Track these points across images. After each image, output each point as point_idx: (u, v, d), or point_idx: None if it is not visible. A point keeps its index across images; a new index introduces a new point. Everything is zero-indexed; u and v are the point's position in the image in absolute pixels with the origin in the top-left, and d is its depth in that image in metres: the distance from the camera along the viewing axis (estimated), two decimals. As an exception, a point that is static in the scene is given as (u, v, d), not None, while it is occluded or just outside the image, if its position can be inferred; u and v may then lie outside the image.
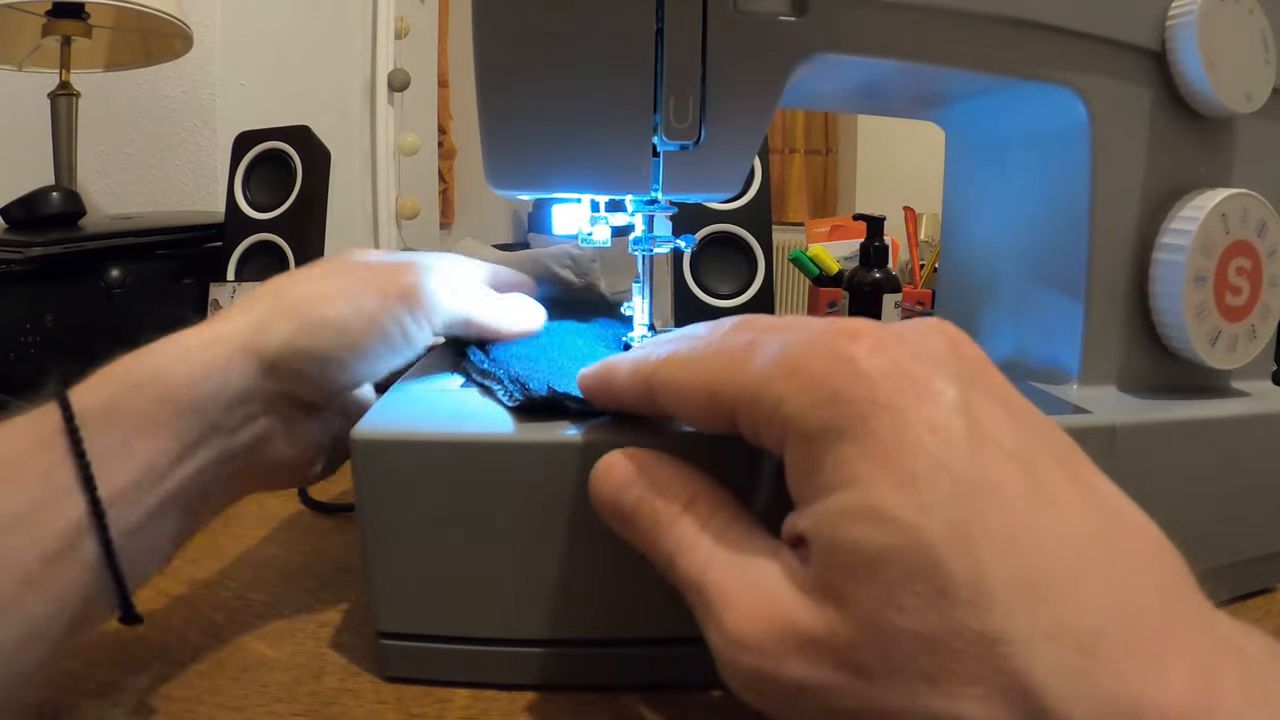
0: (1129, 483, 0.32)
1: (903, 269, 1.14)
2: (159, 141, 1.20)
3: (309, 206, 0.77)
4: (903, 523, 0.17)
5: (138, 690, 0.29)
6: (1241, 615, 0.35)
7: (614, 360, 0.26)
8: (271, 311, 0.29)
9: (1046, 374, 0.38)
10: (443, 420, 0.29)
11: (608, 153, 0.33)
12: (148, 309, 0.70)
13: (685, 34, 0.31)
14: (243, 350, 0.28)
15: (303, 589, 0.37)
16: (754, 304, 0.70)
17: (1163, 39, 0.35)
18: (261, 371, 0.28)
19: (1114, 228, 0.36)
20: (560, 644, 0.29)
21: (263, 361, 0.28)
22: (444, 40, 2.12)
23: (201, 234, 0.81)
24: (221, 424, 0.27)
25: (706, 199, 0.38)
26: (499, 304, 0.36)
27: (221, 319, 0.29)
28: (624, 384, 0.25)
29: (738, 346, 0.21)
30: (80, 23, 0.91)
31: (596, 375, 0.27)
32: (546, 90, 0.31)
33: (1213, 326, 0.35)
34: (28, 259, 0.65)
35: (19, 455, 0.24)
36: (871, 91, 0.42)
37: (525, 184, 0.34)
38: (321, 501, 0.47)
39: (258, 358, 0.28)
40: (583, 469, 0.27)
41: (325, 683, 0.29)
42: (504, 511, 0.28)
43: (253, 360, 0.28)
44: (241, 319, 0.29)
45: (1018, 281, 0.41)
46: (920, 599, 0.16)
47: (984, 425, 0.18)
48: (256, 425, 0.29)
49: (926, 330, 0.21)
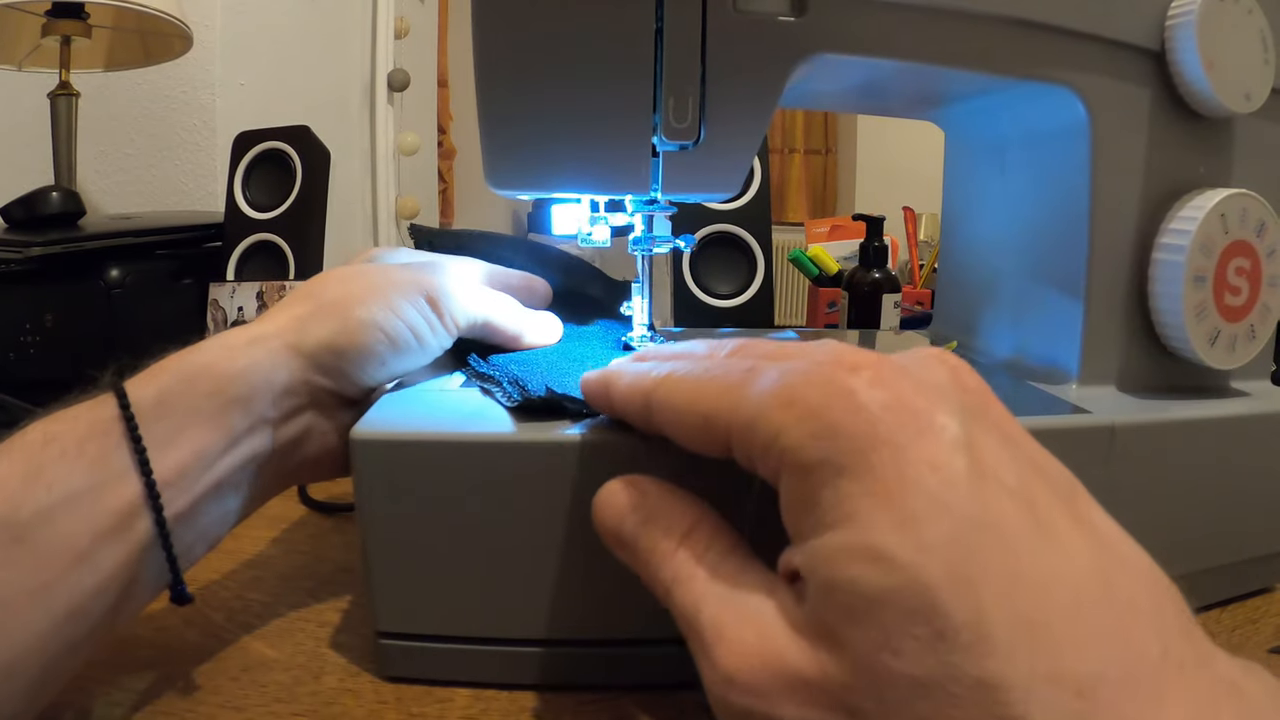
0: (1129, 483, 0.32)
1: (902, 269, 1.14)
2: (159, 141, 1.20)
3: (309, 206, 0.77)
4: (901, 563, 0.16)
5: (138, 690, 0.29)
6: (1241, 615, 0.35)
7: (616, 370, 0.27)
8: (312, 312, 0.31)
9: (1046, 374, 0.38)
10: (442, 420, 0.29)
11: (607, 153, 0.33)
12: (147, 309, 0.70)
13: (685, 34, 0.31)
14: (286, 348, 0.30)
15: (303, 589, 0.37)
16: (754, 304, 0.70)
17: (1162, 39, 0.35)
18: (303, 367, 0.30)
19: (1113, 228, 0.36)
20: (561, 644, 0.29)
21: (304, 358, 0.30)
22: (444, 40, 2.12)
23: (201, 234, 0.81)
24: (267, 416, 0.29)
25: (706, 199, 0.38)
26: (522, 311, 0.37)
27: (265, 319, 0.31)
28: (622, 397, 0.25)
29: (736, 372, 0.21)
30: (80, 23, 0.91)
31: (598, 382, 0.27)
32: (546, 90, 0.31)
33: (1212, 326, 0.35)
34: (27, 259, 0.65)
35: (77, 439, 0.25)
36: (871, 91, 0.42)
37: (525, 184, 0.34)
38: (321, 501, 0.47)
39: (300, 355, 0.30)
40: (582, 469, 0.27)
41: (325, 682, 0.29)
42: (504, 511, 0.28)
43: (295, 357, 0.30)
44: (284, 319, 0.31)
45: (1017, 281, 0.41)
46: (918, 642, 0.16)
47: (985, 461, 0.18)
48: (300, 418, 0.31)
49: (928, 361, 0.21)
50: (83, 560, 0.24)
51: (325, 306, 0.31)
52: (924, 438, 0.18)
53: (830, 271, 0.90)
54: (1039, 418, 0.31)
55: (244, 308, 0.73)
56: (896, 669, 0.16)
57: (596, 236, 0.38)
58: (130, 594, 0.25)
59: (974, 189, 0.46)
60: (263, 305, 0.73)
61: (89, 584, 0.24)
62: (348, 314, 0.31)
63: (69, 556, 0.23)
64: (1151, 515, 0.33)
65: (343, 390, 0.32)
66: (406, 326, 0.32)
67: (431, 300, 0.33)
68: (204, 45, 1.14)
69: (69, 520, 0.23)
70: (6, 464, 0.24)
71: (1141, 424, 0.32)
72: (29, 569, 0.23)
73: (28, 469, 0.24)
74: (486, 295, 0.35)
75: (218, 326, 0.74)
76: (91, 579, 0.24)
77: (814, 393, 0.19)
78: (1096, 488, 0.31)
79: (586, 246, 0.39)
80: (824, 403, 0.18)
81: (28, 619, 0.23)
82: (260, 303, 0.73)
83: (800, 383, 0.19)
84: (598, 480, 0.27)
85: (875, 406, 0.18)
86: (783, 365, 0.20)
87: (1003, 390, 0.37)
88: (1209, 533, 0.34)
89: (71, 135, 0.93)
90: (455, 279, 0.34)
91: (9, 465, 0.24)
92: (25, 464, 0.24)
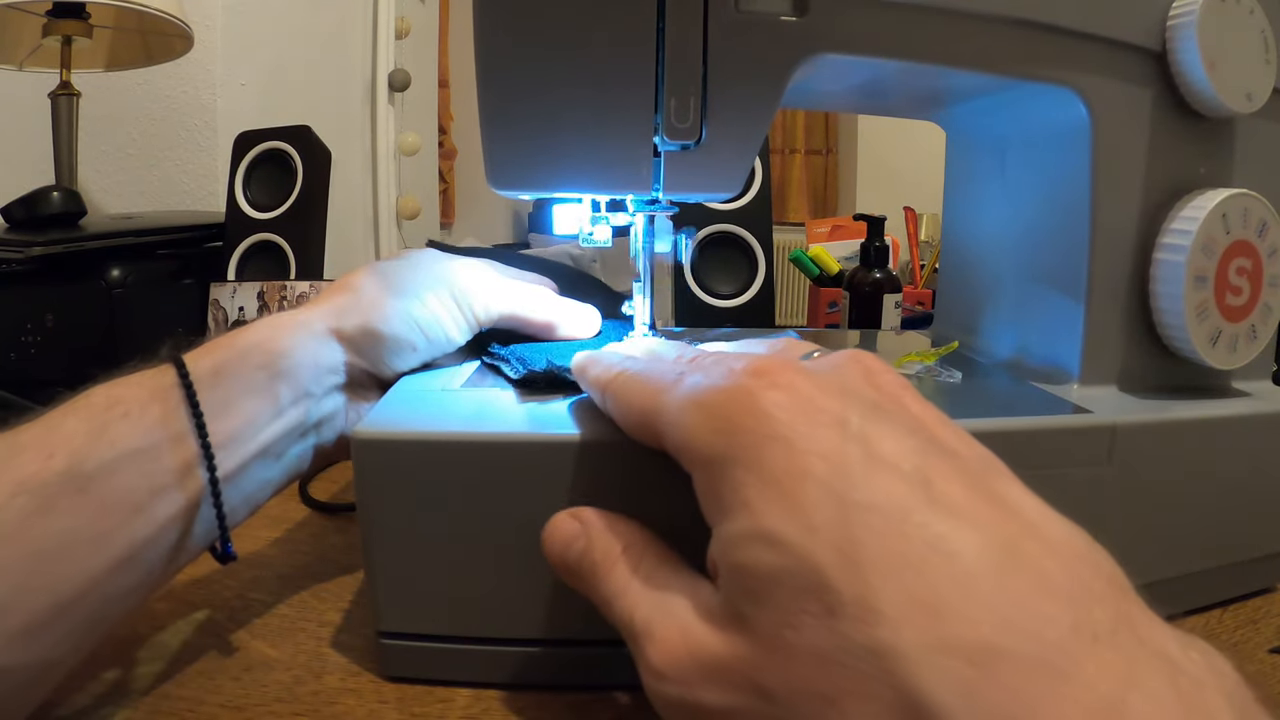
0: (1130, 483, 0.32)
1: (903, 269, 1.14)
2: (159, 141, 1.20)
3: (309, 206, 0.77)
4: (791, 545, 0.18)
5: (138, 690, 0.29)
6: (1242, 615, 0.35)
7: (591, 358, 0.29)
8: (351, 301, 0.34)
9: (1047, 374, 0.38)
10: (444, 420, 0.29)
11: (608, 153, 0.33)
12: (148, 309, 0.70)
13: (686, 34, 0.31)
14: (327, 331, 0.33)
15: (303, 588, 0.37)
16: (754, 304, 0.70)
17: (1163, 39, 0.35)
18: (342, 349, 0.33)
19: (1114, 228, 0.36)
20: (561, 644, 0.29)
21: (344, 341, 0.33)
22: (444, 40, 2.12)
23: (202, 234, 0.81)
24: (310, 391, 0.32)
25: (707, 199, 0.38)
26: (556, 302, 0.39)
27: (308, 307, 0.34)
28: (589, 385, 0.29)
29: (670, 375, 0.24)
30: (81, 23, 0.91)
31: (577, 366, 0.30)
32: (547, 90, 0.31)
33: (1213, 326, 0.35)
34: (28, 259, 0.65)
35: (140, 402, 0.27)
36: (872, 91, 0.42)
37: (526, 184, 0.34)
38: (322, 501, 0.47)
39: (340, 338, 0.33)
40: (582, 469, 0.27)
41: (326, 682, 0.29)
42: (505, 511, 0.28)
43: (336, 340, 0.33)
44: (326, 306, 0.34)
45: (1018, 281, 0.41)
46: (813, 618, 0.17)
47: (882, 450, 0.19)
48: (337, 395, 0.34)
49: (841, 362, 0.23)
50: (139, 512, 0.26)
51: (363, 297, 0.34)
52: (817, 432, 0.19)
53: (831, 272, 0.90)
54: (1040, 418, 0.31)
55: (245, 308, 0.73)
56: (796, 644, 0.17)
57: (598, 236, 0.38)
58: (180, 546, 0.28)
59: (975, 189, 0.46)
60: (263, 305, 0.73)
61: (142, 534, 0.26)
62: (383, 305, 0.34)
63: (127, 507, 0.26)
64: (1153, 515, 0.33)
65: (378, 372, 0.35)
66: (435, 318, 0.35)
67: (458, 294, 0.36)
68: (205, 45, 1.14)
69: (129, 474, 0.26)
70: (74, 421, 0.26)
71: (1143, 424, 0.32)
72: (90, 517, 0.25)
73: (93, 427, 0.26)
74: (511, 289, 0.38)
75: (218, 326, 0.74)
76: (145, 530, 0.26)
77: (721, 396, 0.21)
78: (1098, 487, 0.31)
79: (588, 246, 0.39)
80: (726, 404, 0.21)
81: (86, 563, 0.25)
82: (261, 303, 0.73)
83: (711, 387, 0.21)
84: (598, 480, 0.27)
85: (771, 407, 0.20)
86: (709, 371, 0.22)
87: (1004, 390, 0.37)
88: (1210, 533, 0.34)
89: (72, 135, 0.93)
90: (480, 275, 0.37)
91: (76, 422, 0.26)
92: (91, 422, 0.26)
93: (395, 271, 0.36)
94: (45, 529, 0.24)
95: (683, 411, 0.22)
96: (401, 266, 0.36)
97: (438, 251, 0.39)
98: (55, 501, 0.24)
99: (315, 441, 0.33)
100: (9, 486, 0.24)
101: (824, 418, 0.20)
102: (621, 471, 0.27)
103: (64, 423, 0.26)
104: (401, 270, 0.36)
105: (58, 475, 0.25)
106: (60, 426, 0.26)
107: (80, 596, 0.25)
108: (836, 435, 0.19)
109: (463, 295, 0.36)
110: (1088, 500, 0.31)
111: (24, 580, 0.23)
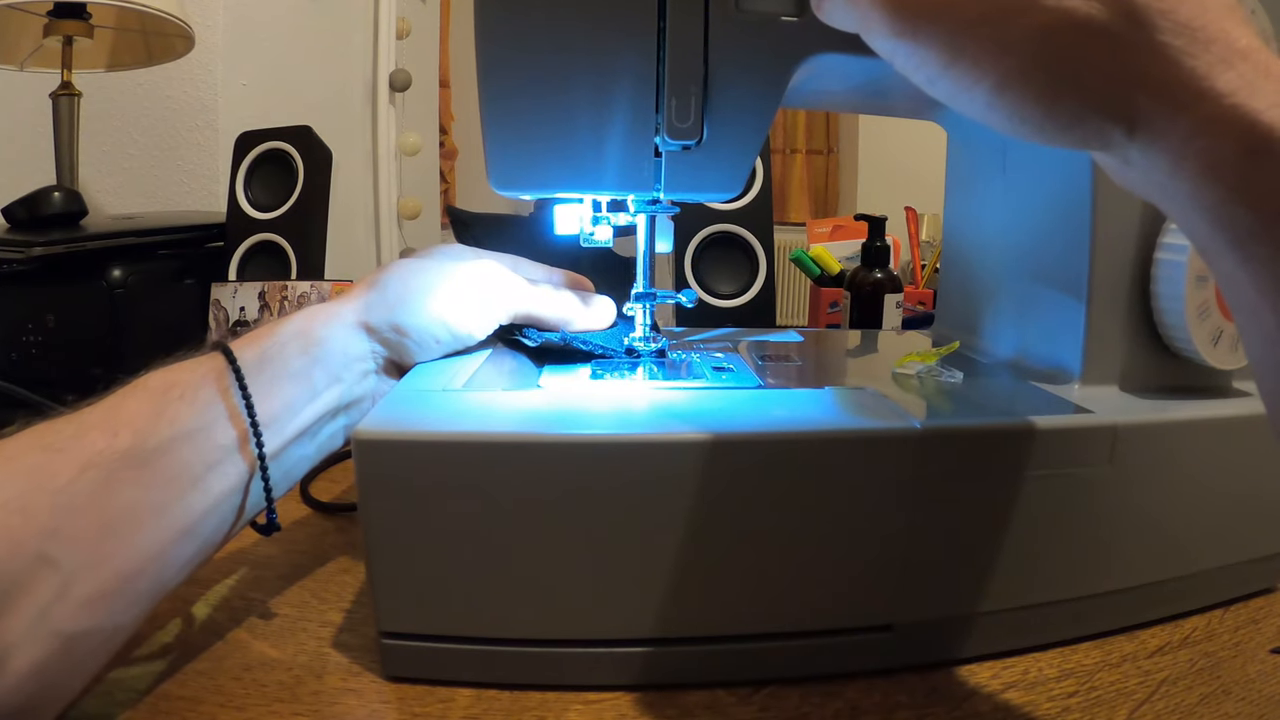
0: (1131, 483, 0.32)
1: (904, 269, 1.14)
2: (161, 141, 1.20)
3: (310, 206, 0.77)
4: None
5: (139, 689, 0.29)
6: (1243, 615, 0.35)
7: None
8: (380, 296, 0.36)
9: (1048, 374, 0.38)
10: (445, 420, 0.29)
11: (609, 153, 0.33)
12: (149, 309, 0.70)
13: (687, 34, 0.31)
14: (358, 323, 0.36)
15: (304, 589, 0.37)
16: (755, 304, 0.70)
17: (1165, 39, 0.35)
18: (372, 340, 0.36)
19: (1116, 227, 0.36)
20: (561, 643, 0.29)
21: (373, 333, 0.36)
22: (445, 40, 2.12)
23: (203, 234, 0.81)
24: (342, 377, 0.35)
25: (708, 199, 0.38)
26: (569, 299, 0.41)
27: (340, 301, 0.36)
28: None
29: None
30: (82, 23, 0.91)
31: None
32: (548, 90, 0.31)
33: (1214, 326, 0.35)
34: (29, 259, 0.65)
35: (194, 386, 0.30)
36: (873, 91, 0.42)
37: (527, 184, 0.34)
38: (323, 501, 0.47)
39: (370, 330, 0.36)
40: (583, 468, 0.27)
41: (327, 682, 0.29)
42: (505, 511, 0.28)
43: (365, 331, 0.36)
44: (357, 301, 0.36)
45: (1019, 281, 0.41)
46: None
47: None
48: (368, 381, 0.36)
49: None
50: (196, 485, 0.28)
51: (389, 295, 0.36)
52: None
53: (832, 271, 0.90)
54: (1041, 418, 0.31)
55: (246, 307, 0.73)
56: None
57: (599, 236, 0.38)
58: (232, 518, 0.30)
59: (976, 189, 0.46)
60: (264, 305, 0.73)
61: (200, 506, 0.28)
62: (409, 301, 0.36)
63: (186, 481, 0.28)
64: (1153, 515, 0.33)
65: (403, 361, 0.37)
66: (457, 318, 0.37)
67: (480, 295, 0.38)
68: (206, 45, 1.14)
69: (186, 451, 0.28)
70: (134, 402, 0.28)
71: (1144, 424, 0.32)
72: (153, 490, 0.27)
73: (152, 408, 0.28)
74: (530, 289, 0.39)
75: (220, 326, 0.74)
76: (202, 502, 0.28)
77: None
78: (1099, 487, 0.31)
79: (589, 246, 0.39)
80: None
81: (150, 534, 0.27)
82: (262, 302, 0.73)
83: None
84: (598, 480, 0.27)
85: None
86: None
87: (1005, 390, 0.37)
88: (1211, 533, 0.34)
89: (73, 135, 0.93)
90: (501, 276, 0.39)
91: (137, 404, 0.28)
92: (150, 403, 0.28)
93: (421, 271, 0.37)
94: (113, 501, 0.26)
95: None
96: (428, 266, 0.38)
97: (463, 248, 0.40)
98: (121, 475, 0.26)
99: (345, 422, 0.35)
100: (79, 462, 0.26)
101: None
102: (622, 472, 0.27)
103: (125, 404, 0.28)
104: (427, 269, 0.38)
105: (122, 452, 0.26)
106: (122, 408, 0.28)
107: (144, 565, 0.26)
108: None
109: (483, 295, 0.38)
110: (1088, 500, 0.31)
111: (94, 549, 0.25)
